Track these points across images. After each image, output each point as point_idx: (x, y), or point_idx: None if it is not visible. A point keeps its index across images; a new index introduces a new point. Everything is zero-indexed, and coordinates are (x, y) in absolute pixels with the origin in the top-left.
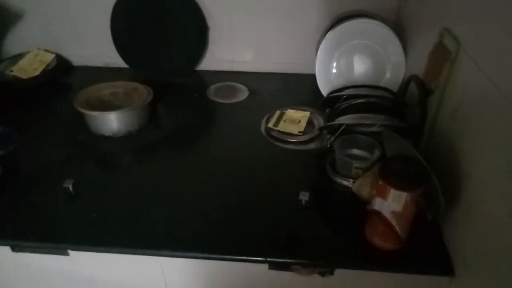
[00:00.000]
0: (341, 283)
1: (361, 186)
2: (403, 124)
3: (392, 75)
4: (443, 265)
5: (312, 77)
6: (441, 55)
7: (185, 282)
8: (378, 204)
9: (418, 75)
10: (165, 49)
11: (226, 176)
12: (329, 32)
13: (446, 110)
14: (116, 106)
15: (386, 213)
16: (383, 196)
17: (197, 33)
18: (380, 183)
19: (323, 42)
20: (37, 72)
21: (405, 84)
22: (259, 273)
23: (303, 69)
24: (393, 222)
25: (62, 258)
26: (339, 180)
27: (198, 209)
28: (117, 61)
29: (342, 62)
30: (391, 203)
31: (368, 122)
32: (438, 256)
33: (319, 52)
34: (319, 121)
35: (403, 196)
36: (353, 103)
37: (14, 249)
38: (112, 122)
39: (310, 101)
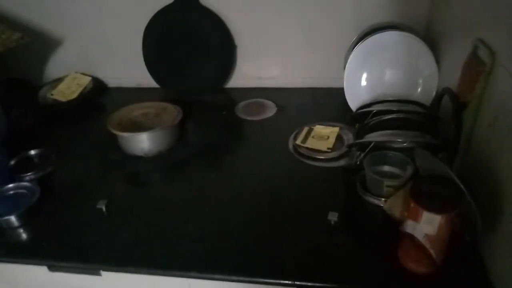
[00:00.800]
0: None
1: (393, 205)
2: (435, 140)
3: (425, 88)
4: None
5: (341, 91)
6: (475, 68)
7: None
8: (410, 226)
9: (452, 88)
10: (193, 68)
11: (254, 194)
12: (358, 45)
13: (482, 125)
14: (147, 126)
15: (420, 236)
16: (416, 218)
17: (224, 51)
18: (412, 205)
19: (352, 55)
20: (75, 95)
21: (438, 97)
22: None
23: (332, 83)
24: (427, 246)
25: (95, 278)
26: (370, 198)
27: (225, 228)
28: (149, 81)
29: (372, 76)
30: (424, 226)
31: (398, 140)
32: (477, 281)
33: (347, 65)
34: (348, 137)
35: (437, 219)
36: (382, 119)
37: (51, 268)
38: (143, 142)
39: (339, 116)
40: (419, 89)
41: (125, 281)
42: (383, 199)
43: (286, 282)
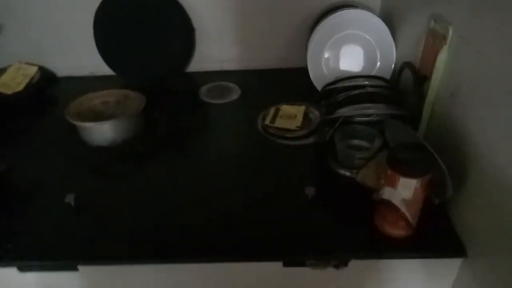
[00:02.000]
0: (355, 273)
1: (365, 176)
2: (402, 111)
3: (383, 63)
4: (454, 247)
5: (302, 70)
6: (435, 41)
7: None
8: (387, 193)
9: (412, 62)
10: (152, 54)
11: (228, 177)
12: (318, 25)
13: (445, 95)
14: (109, 115)
15: (396, 201)
16: (392, 185)
17: (183, 35)
18: (389, 172)
19: (313, 35)
20: (21, 87)
21: (398, 71)
22: (274, 271)
23: (292, 64)
24: (403, 210)
25: (71, 274)
26: (342, 171)
27: (204, 213)
28: (103, 69)
29: (334, 54)
30: (401, 191)
31: (368, 112)
32: (448, 238)
33: (310, 45)
34: (315, 115)
35: (413, 183)
36: (350, 94)
37: (22, 269)
38: (107, 132)
39: (303, 95)
40: (378, 64)
41: (104, 273)
42: (355, 170)
43: (273, 257)
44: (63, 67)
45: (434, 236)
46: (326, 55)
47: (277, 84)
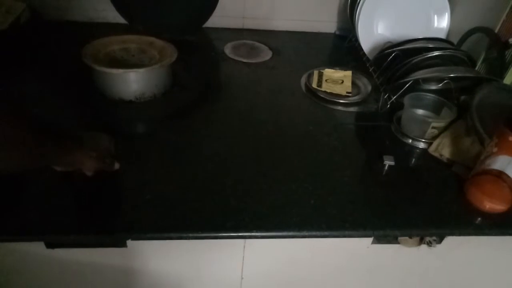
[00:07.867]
0: (449, 251)
1: (440, 147)
2: (485, 76)
3: (437, 29)
4: None
5: (331, 36)
6: None
7: (265, 263)
8: (501, 163)
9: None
10: (171, 2)
11: (281, 141)
12: None
13: None
14: (132, 64)
15: (510, 171)
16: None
17: None
18: (511, 139)
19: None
20: (5, 26)
21: (463, 37)
22: (361, 249)
23: (322, 28)
24: None
25: (117, 250)
26: (410, 141)
27: (269, 182)
28: (107, 15)
29: (385, 19)
30: None
31: (445, 76)
32: None
33: (360, 9)
34: (363, 81)
35: None
36: (426, 56)
37: (49, 246)
38: (136, 83)
39: (340, 60)
40: (431, 30)
41: (155, 249)
42: (424, 140)
43: (364, 232)
44: (54, 9)
45: None
46: (376, 20)
47: (308, 47)
